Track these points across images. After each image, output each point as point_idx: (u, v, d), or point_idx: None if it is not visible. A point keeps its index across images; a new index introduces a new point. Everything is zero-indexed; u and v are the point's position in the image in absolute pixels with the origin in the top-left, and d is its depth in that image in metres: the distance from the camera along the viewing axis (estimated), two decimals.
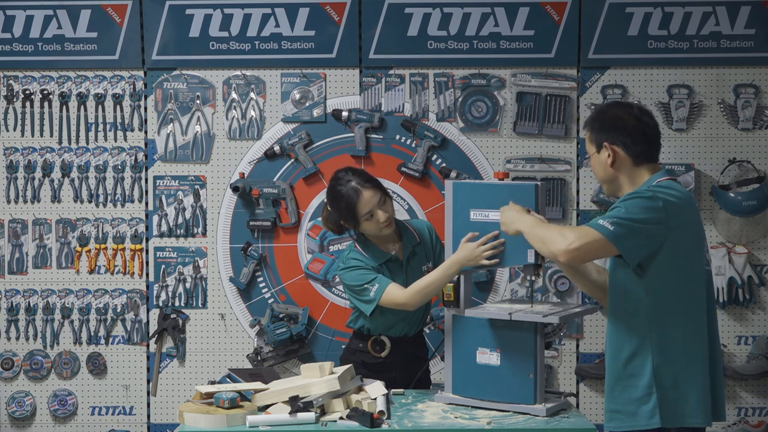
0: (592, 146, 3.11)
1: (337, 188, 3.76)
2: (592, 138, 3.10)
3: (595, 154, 3.11)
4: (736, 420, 4.93)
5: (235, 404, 3.32)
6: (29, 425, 5.03)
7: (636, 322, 2.97)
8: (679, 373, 2.94)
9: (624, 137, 3.04)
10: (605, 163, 3.06)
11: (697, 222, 3.02)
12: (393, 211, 3.80)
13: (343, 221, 3.81)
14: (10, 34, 4.98)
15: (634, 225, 2.87)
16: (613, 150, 3.05)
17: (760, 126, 4.94)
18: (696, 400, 2.93)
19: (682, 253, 2.94)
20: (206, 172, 5.00)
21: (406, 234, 3.87)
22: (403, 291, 3.65)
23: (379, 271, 3.76)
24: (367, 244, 3.83)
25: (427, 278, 3.61)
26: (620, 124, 3.04)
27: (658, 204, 2.89)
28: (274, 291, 5.00)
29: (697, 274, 2.99)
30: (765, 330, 4.94)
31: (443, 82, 4.96)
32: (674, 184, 3.01)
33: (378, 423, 3.26)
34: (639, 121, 3.05)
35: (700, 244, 3.03)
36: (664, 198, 2.91)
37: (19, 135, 5.01)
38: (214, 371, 4.98)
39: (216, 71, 4.99)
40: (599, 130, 3.08)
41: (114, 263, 4.99)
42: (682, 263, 2.94)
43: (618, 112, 3.08)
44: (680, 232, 2.92)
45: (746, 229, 4.92)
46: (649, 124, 3.07)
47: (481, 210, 3.47)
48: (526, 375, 3.40)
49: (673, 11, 4.92)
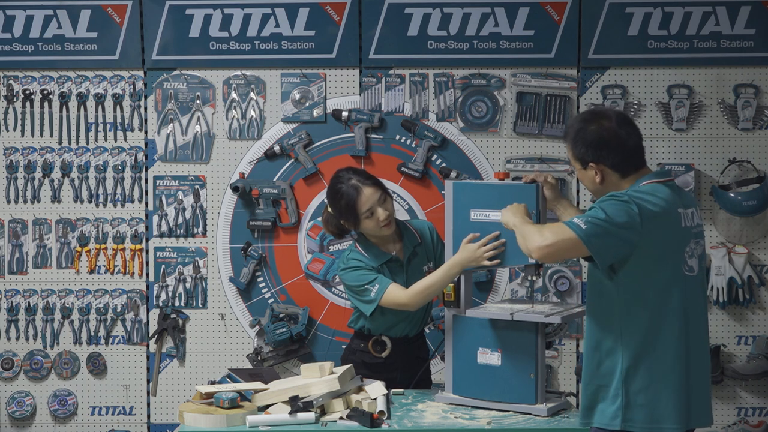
0: (577, 162, 3.08)
1: (338, 186, 3.76)
2: (576, 155, 3.06)
3: (581, 170, 3.09)
4: (736, 420, 4.94)
5: (235, 404, 3.32)
6: (29, 425, 5.03)
7: (611, 322, 2.98)
8: (649, 378, 2.92)
9: (610, 157, 3.00)
10: (593, 179, 3.05)
11: (675, 228, 2.96)
12: (393, 210, 3.80)
13: (343, 220, 3.80)
14: (10, 34, 4.98)
15: (606, 227, 2.87)
16: (600, 170, 3.03)
17: (760, 126, 4.94)
18: (666, 406, 2.92)
19: (655, 259, 2.91)
20: (206, 172, 5.00)
21: (407, 234, 3.87)
22: (404, 291, 3.64)
23: (380, 271, 3.75)
24: (367, 245, 3.83)
25: (429, 279, 3.61)
26: (603, 143, 3.00)
27: (632, 209, 2.88)
28: (274, 291, 5.00)
29: (672, 280, 2.94)
30: (765, 330, 4.94)
31: (443, 82, 4.96)
32: (658, 187, 2.98)
33: (378, 423, 3.26)
34: (619, 135, 3.00)
35: (678, 250, 2.97)
36: (639, 203, 2.89)
37: (19, 135, 5.00)
38: (214, 371, 4.98)
39: (216, 71, 4.99)
40: (583, 150, 3.03)
41: (114, 263, 4.99)
42: (655, 269, 2.92)
43: (598, 130, 3.01)
44: (653, 239, 2.89)
45: (746, 229, 4.92)
46: (631, 133, 3.02)
47: (481, 210, 3.47)
48: (528, 375, 3.40)
49: (673, 11, 4.92)
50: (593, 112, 3.11)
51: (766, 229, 4.95)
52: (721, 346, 4.91)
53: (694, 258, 3.01)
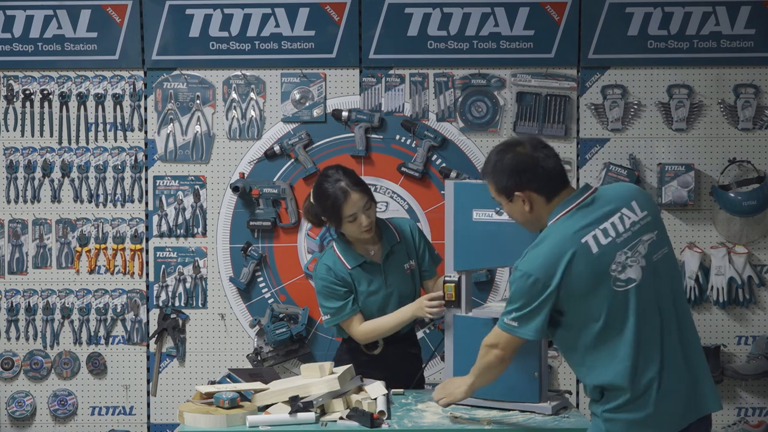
0: (502, 197, 3.06)
1: (325, 185, 3.78)
2: (499, 189, 3.04)
3: (508, 204, 3.06)
4: (736, 420, 4.94)
5: (235, 404, 3.32)
6: (29, 425, 5.03)
7: (576, 360, 3.01)
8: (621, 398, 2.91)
9: (533, 181, 2.98)
10: (522, 210, 3.02)
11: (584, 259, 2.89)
12: (375, 216, 3.83)
13: (326, 219, 3.85)
14: (10, 34, 4.98)
15: (524, 311, 2.93)
16: (527, 196, 3.00)
17: (760, 126, 4.94)
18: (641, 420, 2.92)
19: (579, 293, 2.90)
20: (206, 172, 5.00)
21: (386, 233, 3.91)
22: (357, 328, 3.81)
23: (354, 276, 3.81)
24: (345, 246, 3.87)
25: (381, 321, 3.79)
26: (523, 168, 2.98)
27: (529, 280, 2.91)
28: (274, 291, 5.00)
29: (609, 303, 2.90)
30: (765, 330, 4.94)
31: (443, 82, 4.96)
32: (554, 229, 2.94)
33: (378, 423, 3.26)
34: (536, 158, 2.98)
35: (598, 278, 2.90)
36: (532, 265, 2.90)
37: (19, 135, 5.00)
38: (214, 371, 4.98)
39: (216, 71, 4.99)
40: (504, 180, 3.01)
41: (114, 263, 4.99)
42: (586, 300, 2.90)
43: (515, 157, 3.00)
44: (567, 277, 2.88)
45: (746, 229, 4.92)
46: (548, 154, 3.00)
47: (484, 210, 3.47)
48: (531, 374, 3.40)
49: (673, 11, 4.92)
50: (506, 144, 3.07)
51: (766, 229, 4.95)
52: (721, 346, 4.91)
53: (633, 266, 2.93)
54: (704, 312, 4.93)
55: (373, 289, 3.84)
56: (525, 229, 3.15)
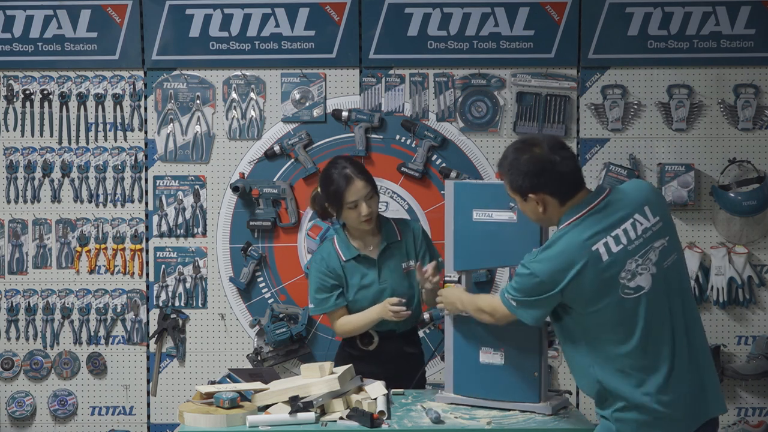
0: (516, 195, 3.06)
1: (331, 171, 3.84)
2: (514, 188, 3.04)
3: (522, 202, 3.07)
4: (736, 420, 4.94)
5: (235, 404, 3.32)
6: (29, 425, 5.03)
7: (580, 352, 3.02)
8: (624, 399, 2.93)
9: (548, 184, 2.97)
10: (536, 210, 3.03)
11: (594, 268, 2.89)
12: (377, 209, 3.87)
13: (328, 204, 3.88)
14: (10, 34, 4.98)
15: (526, 300, 3.00)
16: (541, 198, 3.00)
17: (760, 126, 4.94)
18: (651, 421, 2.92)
19: (586, 299, 2.91)
20: (206, 172, 5.00)
21: (386, 229, 3.93)
22: (336, 322, 3.92)
23: (347, 269, 3.87)
24: (344, 238, 3.92)
25: (353, 318, 3.87)
26: (539, 171, 2.96)
27: (535, 280, 2.94)
28: (274, 291, 5.00)
29: (617, 309, 2.90)
30: (765, 330, 4.94)
31: (443, 82, 4.96)
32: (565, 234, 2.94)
33: (378, 423, 3.26)
34: (553, 160, 2.96)
35: (607, 286, 2.90)
36: (540, 268, 2.93)
37: (19, 135, 5.00)
38: (214, 371, 4.98)
39: (216, 71, 4.99)
40: (519, 180, 3.00)
41: (114, 263, 4.99)
42: (593, 304, 2.91)
43: (531, 158, 2.98)
44: (574, 283, 2.89)
45: (746, 229, 4.92)
46: (565, 157, 2.98)
47: (484, 210, 3.47)
48: (531, 373, 3.40)
49: (673, 11, 4.92)
50: (524, 141, 3.05)
51: (766, 229, 4.95)
52: (721, 346, 4.91)
53: (644, 274, 2.93)
54: (704, 312, 4.93)
55: (366, 282, 3.87)
56: (525, 230, 3.16)
